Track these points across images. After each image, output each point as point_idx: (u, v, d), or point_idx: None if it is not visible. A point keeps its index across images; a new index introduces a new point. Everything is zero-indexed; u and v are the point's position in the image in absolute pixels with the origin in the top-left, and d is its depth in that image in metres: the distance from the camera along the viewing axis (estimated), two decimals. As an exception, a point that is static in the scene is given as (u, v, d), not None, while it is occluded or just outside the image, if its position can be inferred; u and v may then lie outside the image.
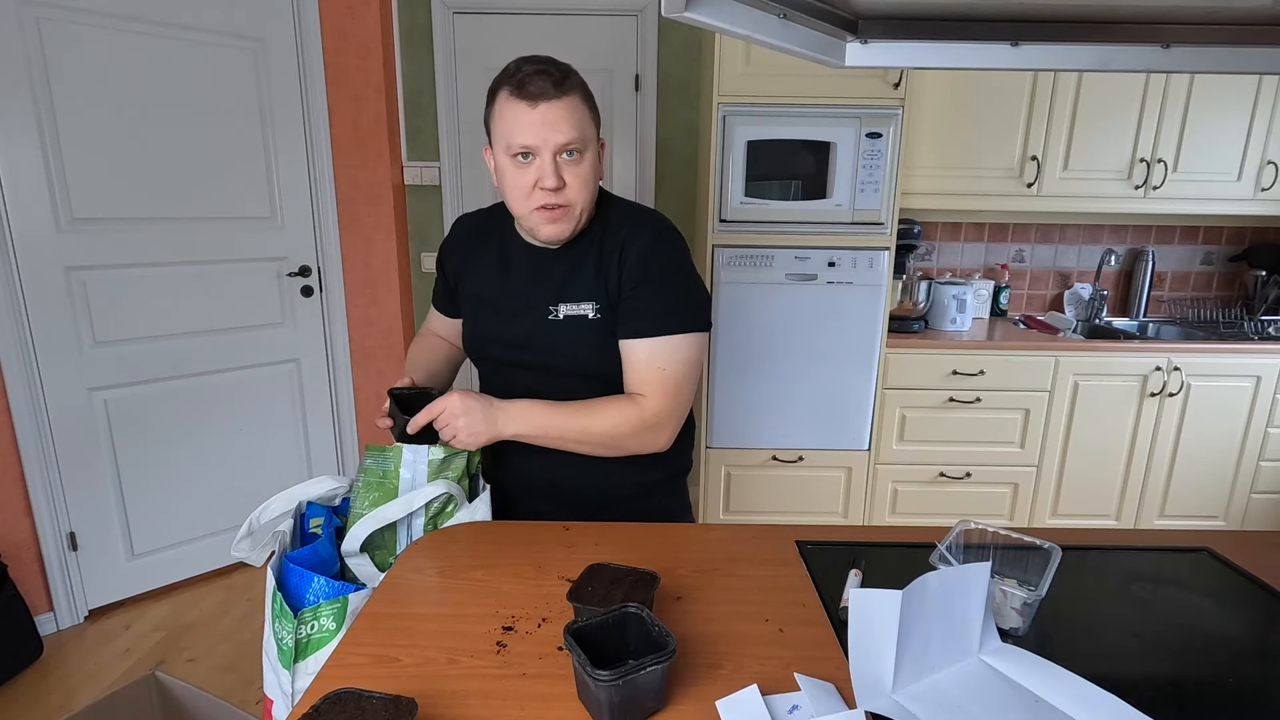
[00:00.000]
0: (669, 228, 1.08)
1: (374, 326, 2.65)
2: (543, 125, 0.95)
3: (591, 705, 0.64)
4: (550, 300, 1.07)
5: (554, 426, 1.02)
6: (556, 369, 1.08)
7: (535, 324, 1.08)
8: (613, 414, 1.02)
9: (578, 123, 0.97)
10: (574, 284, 1.06)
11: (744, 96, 2.20)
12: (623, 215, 1.08)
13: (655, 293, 1.03)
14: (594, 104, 1.02)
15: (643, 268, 1.03)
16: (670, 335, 1.02)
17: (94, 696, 1.80)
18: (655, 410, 1.02)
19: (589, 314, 1.05)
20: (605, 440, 1.02)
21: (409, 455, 1.02)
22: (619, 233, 1.05)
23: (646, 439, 1.03)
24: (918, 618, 0.68)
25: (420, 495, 1.00)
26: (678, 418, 1.05)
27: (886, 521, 2.55)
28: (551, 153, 0.97)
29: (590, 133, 1.00)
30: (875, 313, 2.33)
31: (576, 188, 0.99)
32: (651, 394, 1.02)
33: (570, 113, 0.96)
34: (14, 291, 1.93)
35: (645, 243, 1.04)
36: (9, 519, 2.02)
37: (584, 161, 0.99)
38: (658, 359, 1.02)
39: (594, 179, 1.02)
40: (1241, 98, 2.39)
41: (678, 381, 1.03)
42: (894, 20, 0.84)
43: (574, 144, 0.97)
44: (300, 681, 0.87)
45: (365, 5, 2.41)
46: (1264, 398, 2.41)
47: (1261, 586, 0.89)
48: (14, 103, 1.88)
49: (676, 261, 1.06)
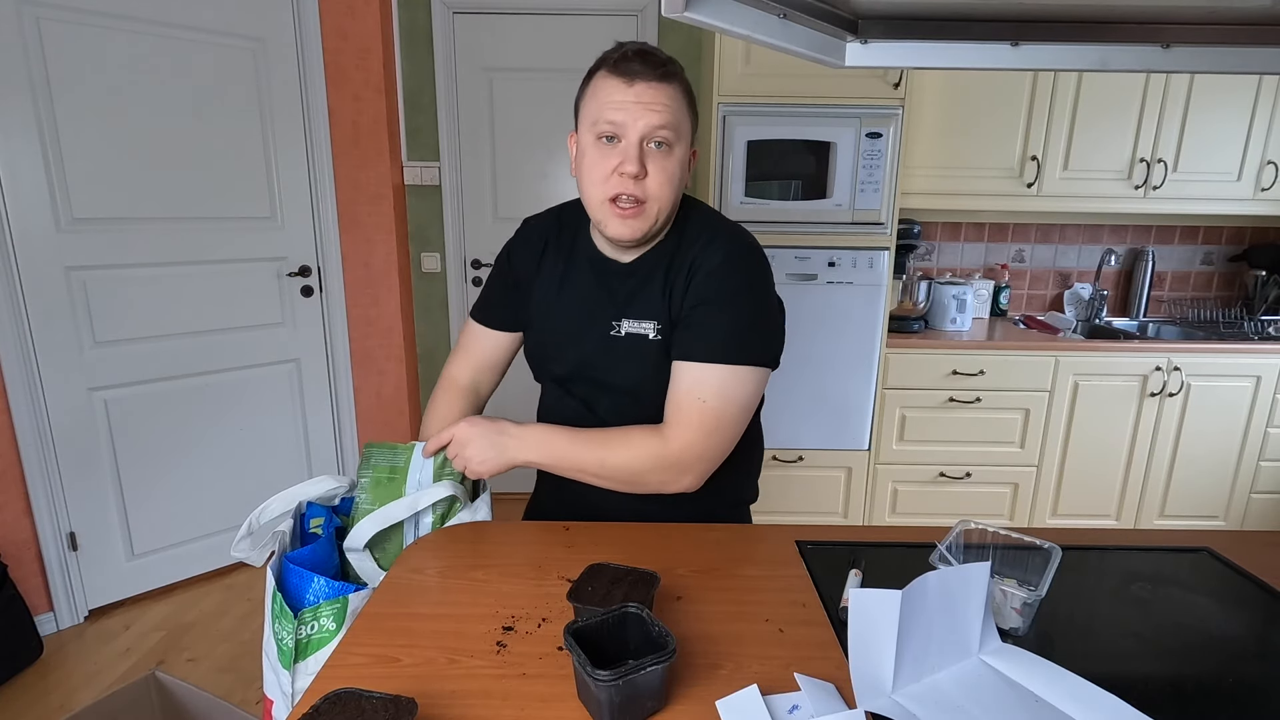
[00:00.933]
0: (747, 247, 0.98)
1: (374, 326, 2.65)
2: (636, 104, 0.88)
3: (591, 705, 0.64)
4: (614, 315, 1.00)
5: (568, 457, 0.96)
6: (610, 387, 1.02)
7: (597, 339, 1.01)
8: (634, 447, 0.94)
9: (674, 109, 0.90)
10: (639, 300, 0.99)
11: (744, 96, 2.20)
12: (699, 229, 0.99)
13: (714, 315, 0.93)
14: (694, 104, 0.95)
15: (707, 287, 0.94)
16: (720, 364, 0.92)
17: (94, 696, 1.81)
18: (682, 447, 0.93)
19: (650, 334, 0.98)
20: (622, 475, 0.95)
21: (417, 456, 1.02)
22: (691, 249, 0.97)
23: (668, 478, 0.95)
24: (918, 618, 0.68)
25: (426, 496, 1.00)
26: (709, 460, 0.95)
27: (886, 521, 2.55)
28: (639, 136, 0.89)
29: (685, 128, 0.93)
30: (875, 313, 2.33)
31: (659, 182, 0.91)
32: (683, 428, 0.93)
33: (668, 98, 0.89)
34: (14, 291, 1.93)
35: (716, 262, 0.95)
36: (9, 519, 2.02)
37: (672, 156, 0.91)
38: (700, 389, 0.93)
39: (679, 179, 0.94)
40: (1241, 98, 2.39)
41: (718, 419, 0.93)
42: (894, 20, 0.84)
43: (665, 130, 0.89)
44: (300, 682, 0.87)
45: (365, 5, 2.41)
46: (1264, 398, 2.41)
47: (1261, 586, 0.89)
48: (14, 103, 1.88)
49: (747, 285, 0.95)
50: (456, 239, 2.87)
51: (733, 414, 0.94)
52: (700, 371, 0.93)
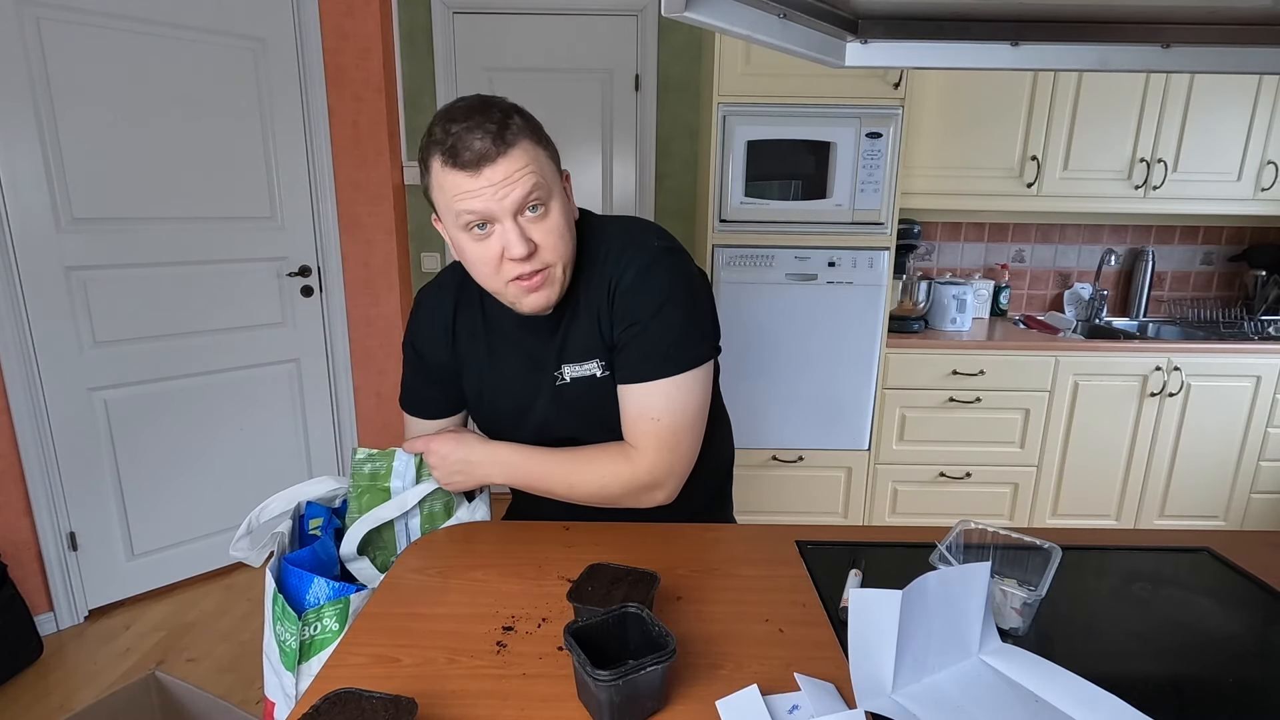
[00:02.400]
0: (658, 252, 0.93)
1: (374, 326, 2.65)
2: (492, 189, 0.80)
3: (591, 705, 0.64)
4: (554, 366, 0.97)
5: (538, 477, 0.96)
6: (579, 437, 0.99)
7: (548, 395, 0.98)
8: (602, 469, 0.93)
9: (534, 172, 0.82)
10: (572, 342, 0.95)
11: (744, 96, 2.20)
12: (608, 248, 0.93)
13: (642, 333, 0.90)
14: (546, 139, 0.86)
15: (629, 308, 0.91)
16: (661, 380, 0.91)
17: (94, 696, 1.81)
18: (648, 468, 0.93)
19: (595, 373, 0.95)
20: (593, 498, 0.95)
21: (399, 463, 1.01)
22: (604, 269, 0.92)
23: (642, 496, 0.95)
24: (918, 618, 0.68)
25: (413, 494, 1.00)
26: (678, 473, 0.95)
27: (886, 521, 2.55)
28: (511, 216, 0.82)
29: (551, 175, 0.85)
30: (875, 313, 2.33)
31: (551, 245, 0.85)
32: (644, 449, 0.92)
33: (521, 163, 0.81)
34: (14, 291, 1.93)
35: (629, 280, 0.90)
36: (9, 519, 2.02)
37: (551, 212, 0.85)
38: (650, 408, 0.91)
39: (568, 227, 0.88)
40: (1241, 98, 2.39)
41: (674, 432, 0.92)
42: (894, 20, 0.84)
43: (535, 198, 0.83)
44: (305, 683, 0.87)
45: (365, 5, 2.41)
46: (1264, 398, 2.41)
47: (1261, 586, 0.89)
48: (14, 103, 1.88)
49: (667, 292, 0.91)
50: (456, 239, 2.86)
51: (687, 423, 0.94)
52: (645, 392, 0.92)
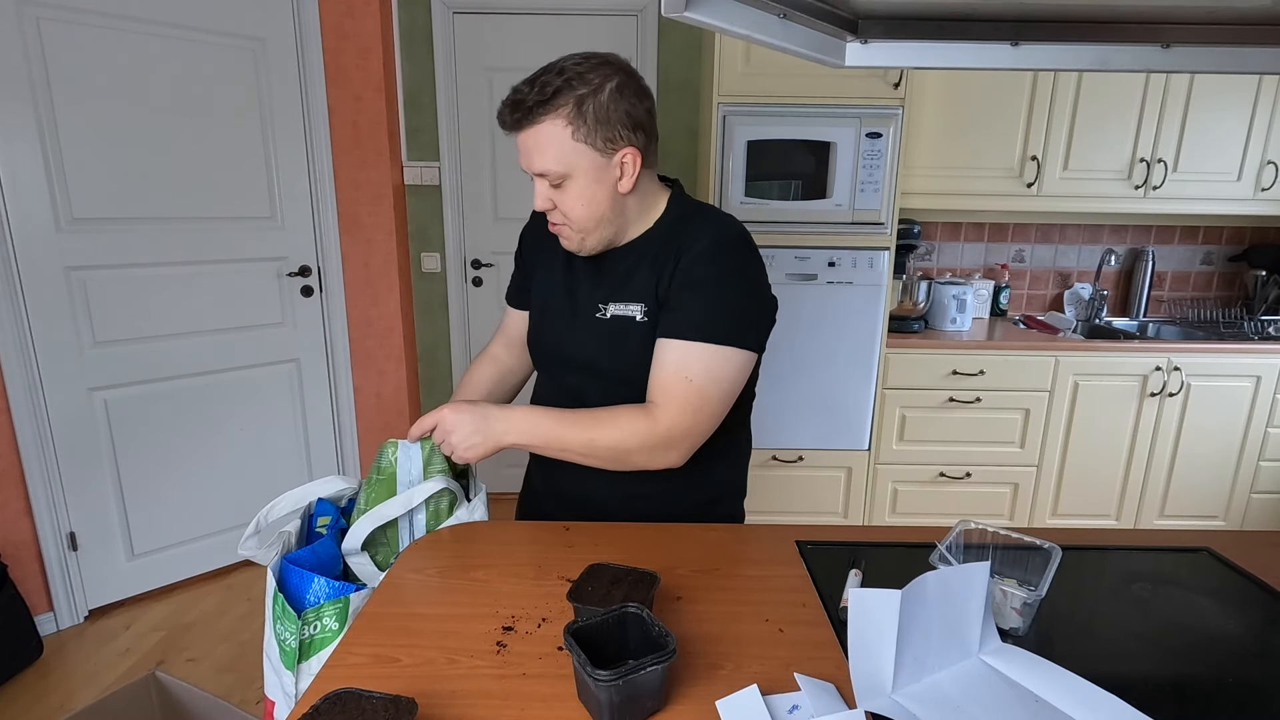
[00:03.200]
0: (738, 235, 0.98)
1: (374, 326, 2.65)
2: (522, 153, 0.94)
3: (591, 705, 0.64)
4: (600, 299, 1.02)
5: (556, 437, 0.97)
6: (600, 371, 1.02)
7: (585, 323, 1.03)
8: (622, 425, 0.95)
9: (552, 153, 0.90)
10: (628, 285, 1.00)
11: (744, 96, 2.20)
12: (688, 217, 1.01)
13: (699, 295, 0.94)
14: (593, 121, 0.90)
15: (694, 268, 0.94)
16: (705, 343, 0.93)
17: (94, 696, 1.81)
18: (669, 425, 0.93)
19: (636, 315, 0.99)
20: (610, 454, 0.96)
21: (405, 451, 1.01)
22: (680, 234, 0.98)
23: (656, 455, 0.95)
24: (918, 618, 0.68)
25: (419, 492, 1.00)
26: (695, 437, 0.96)
27: (886, 521, 2.55)
28: (534, 175, 0.94)
29: (575, 160, 0.91)
30: (875, 313, 2.33)
31: (566, 209, 0.95)
32: (669, 405, 0.93)
33: (541, 142, 0.90)
34: (14, 291, 1.93)
35: (704, 246, 0.95)
36: (9, 519, 2.02)
37: (571, 187, 0.93)
38: (687, 367, 0.93)
39: (592, 200, 0.94)
40: (1241, 98, 2.39)
41: (703, 397, 0.93)
42: (894, 20, 0.84)
43: (548, 175, 0.92)
44: (305, 682, 0.87)
45: (365, 5, 2.41)
46: (1264, 398, 2.41)
47: (1261, 586, 0.89)
48: (14, 103, 1.88)
49: (737, 268, 0.96)
50: (456, 239, 2.87)
51: (717, 393, 0.95)
52: (685, 349, 0.93)
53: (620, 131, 0.91)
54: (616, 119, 0.91)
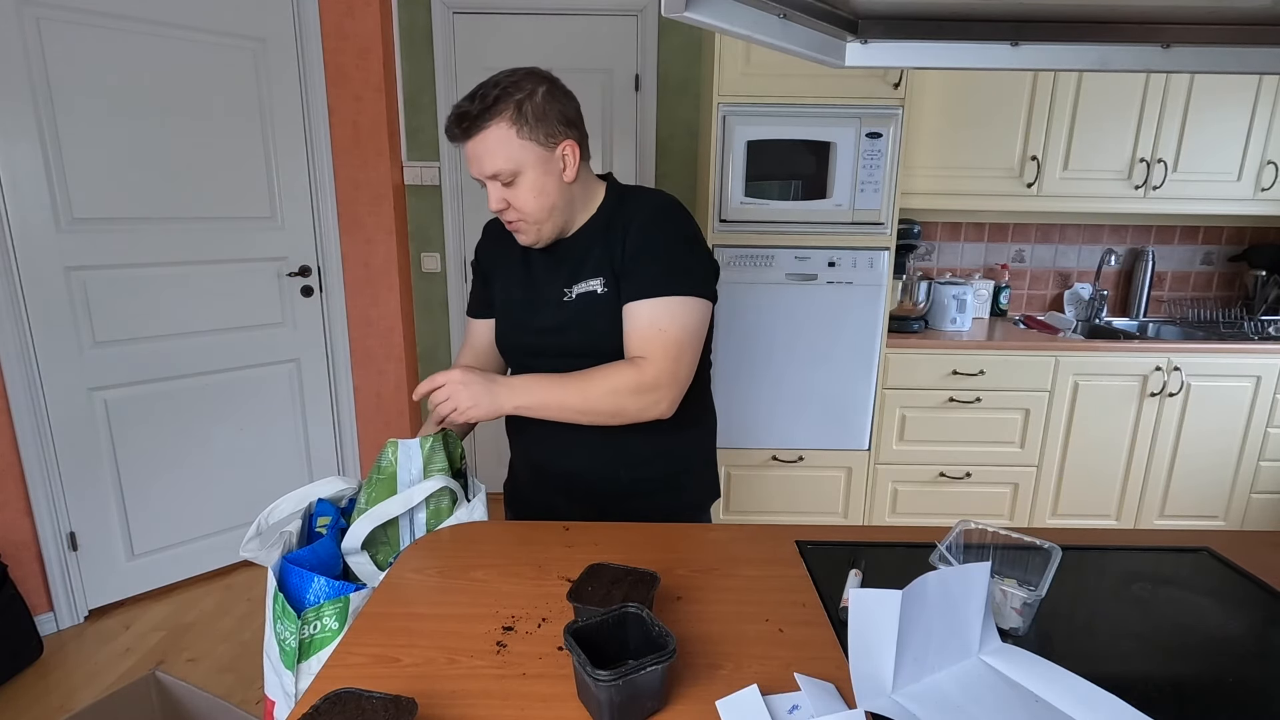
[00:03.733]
0: (673, 203, 1.10)
1: (374, 326, 2.65)
2: (470, 161, 1.03)
3: (591, 705, 0.64)
4: (564, 283, 1.10)
5: (553, 396, 1.03)
6: (573, 350, 1.09)
7: (553, 309, 1.11)
8: (611, 378, 1.02)
9: (501, 154, 1.00)
10: (585, 264, 1.09)
11: (744, 96, 2.20)
12: (626, 197, 1.12)
13: (656, 258, 1.04)
14: (532, 119, 1.01)
15: (644, 236, 1.05)
16: (671, 297, 1.03)
17: (94, 696, 1.81)
18: (655, 373, 1.02)
19: (597, 289, 1.07)
20: (605, 406, 1.03)
21: (405, 450, 1.02)
22: (623, 212, 1.09)
23: (646, 401, 1.03)
24: (918, 618, 0.68)
25: (418, 491, 1.00)
26: (679, 382, 1.05)
27: (886, 521, 2.55)
28: (486, 180, 1.03)
29: (522, 156, 1.01)
30: (875, 313, 2.33)
31: (520, 204, 1.04)
32: (651, 355, 1.02)
33: (490, 146, 1.00)
34: (14, 291, 1.93)
35: (647, 216, 1.07)
36: (9, 519, 2.02)
37: (521, 185, 1.03)
38: (658, 320, 1.03)
39: (543, 191, 1.04)
40: (1241, 98, 2.39)
41: (679, 343, 1.03)
42: (894, 20, 0.84)
43: (499, 175, 1.02)
44: (304, 682, 0.87)
45: (365, 5, 2.41)
46: (1264, 398, 2.41)
47: (1261, 586, 0.89)
48: (14, 103, 1.88)
49: (680, 231, 1.07)
50: (456, 239, 2.87)
51: (689, 340, 1.05)
52: (654, 305, 1.03)
53: (558, 127, 1.03)
54: (553, 116, 1.02)
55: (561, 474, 1.15)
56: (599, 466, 1.13)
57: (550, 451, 1.15)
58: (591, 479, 1.14)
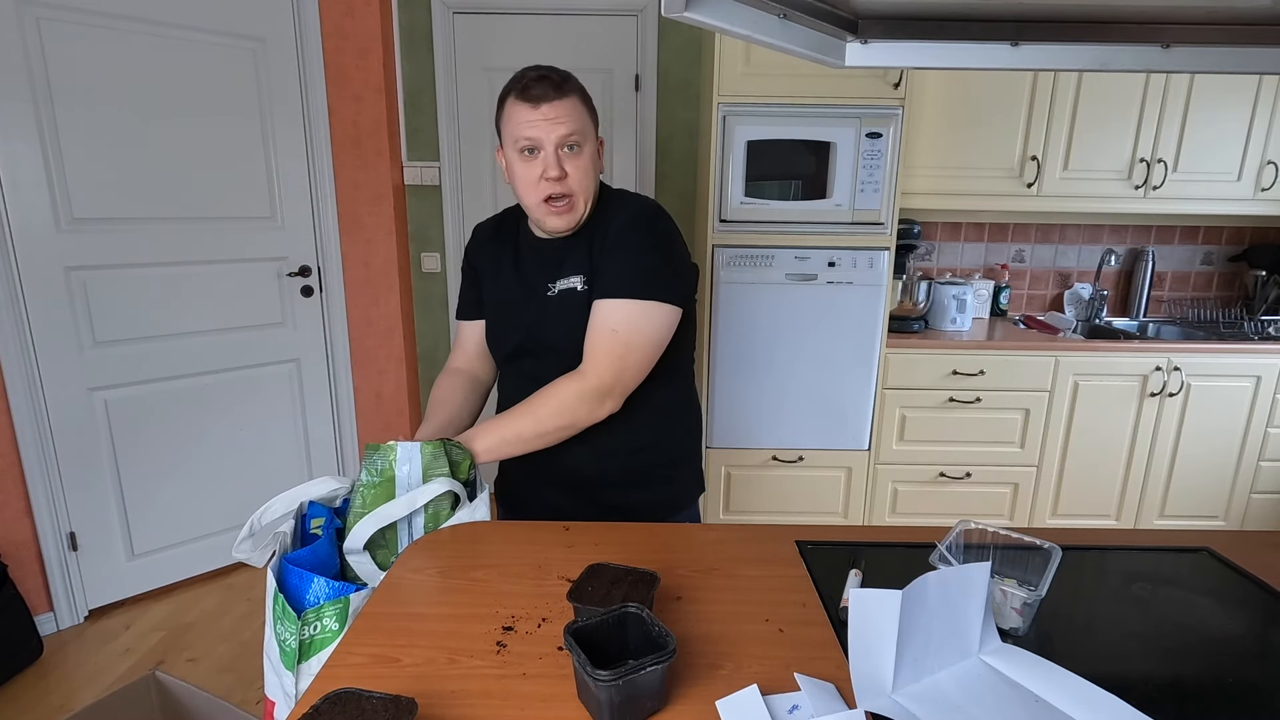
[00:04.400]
0: (654, 207, 1.13)
1: (374, 326, 2.65)
2: (545, 121, 1.04)
3: (591, 705, 0.64)
4: (549, 279, 1.14)
5: (509, 431, 1.06)
6: (555, 348, 1.12)
7: (538, 304, 1.14)
8: (558, 394, 1.05)
9: (577, 118, 1.06)
10: (569, 261, 1.13)
11: (744, 96, 2.20)
12: (611, 199, 1.16)
13: (620, 258, 1.07)
14: (592, 106, 1.11)
15: (619, 236, 1.08)
16: (631, 300, 1.05)
17: (94, 696, 1.81)
18: (598, 377, 1.05)
19: (577, 285, 1.11)
20: (557, 423, 1.05)
21: (404, 452, 1.01)
22: (605, 212, 1.13)
23: (592, 406, 1.06)
24: (918, 618, 0.68)
25: (422, 494, 1.00)
26: (624, 384, 1.07)
27: (886, 521, 2.55)
28: (554, 145, 1.05)
29: (589, 129, 1.08)
30: (875, 313, 2.33)
31: (578, 177, 1.07)
32: (595, 358, 1.05)
33: (569, 110, 1.05)
34: (14, 291, 1.93)
35: (627, 218, 1.10)
36: (9, 519, 2.02)
37: (584, 154, 1.07)
38: (612, 320, 1.05)
39: (594, 170, 1.10)
40: (1241, 98, 2.39)
41: (627, 346, 1.05)
42: (894, 20, 0.84)
43: (574, 136, 1.05)
44: (304, 682, 0.87)
45: (365, 5, 2.41)
46: (1264, 398, 2.41)
47: (1261, 586, 0.89)
48: (14, 103, 1.88)
49: (654, 233, 1.09)
50: (456, 239, 2.87)
51: (640, 344, 1.06)
52: (611, 306, 1.06)
53: (598, 121, 1.12)
54: (596, 112, 1.11)
55: (554, 468, 1.17)
56: (590, 460, 1.15)
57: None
58: (583, 472, 1.16)
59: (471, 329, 1.31)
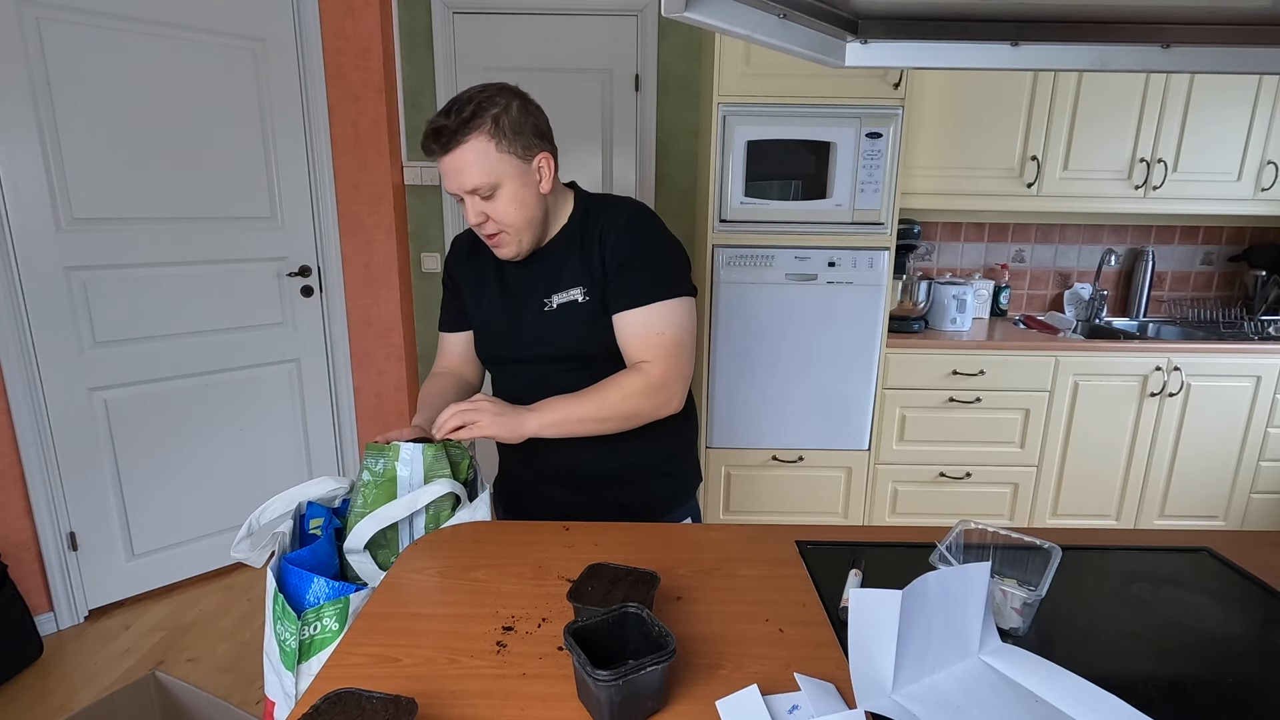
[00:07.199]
0: (644, 209, 1.15)
1: (374, 326, 2.65)
2: (448, 176, 1.04)
3: (591, 705, 0.64)
4: (543, 294, 1.13)
5: (572, 412, 1.06)
6: (558, 357, 1.13)
7: (533, 319, 1.14)
8: (622, 385, 1.07)
9: (479, 165, 1.02)
10: (563, 274, 1.12)
11: (744, 96, 2.20)
12: (599, 206, 1.15)
13: (640, 265, 1.09)
14: (510, 133, 1.03)
15: (624, 246, 1.09)
16: (660, 302, 1.08)
17: (94, 696, 1.81)
18: (660, 373, 1.07)
19: (579, 298, 1.11)
20: (621, 410, 1.06)
21: (406, 454, 1.02)
22: (597, 221, 1.12)
23: (659, 400, 1.08)
24: (918, 618, 0.68)
25: (424, 495, 1.00)
26: (683, 378, 1.10)
27: (886, 521, 2.55)
28: (464, 195, 1.05)
29: (502, 168, 1.03)
30: (875, 313, 2.33)
31: (500, 216, 1.06)
32: (654, 359, 1.07)
33: (469, 159, 1.01)
34: (14, 291, 1.93)
35: (622, 224, 1.11)
36: (9, 519, 2.02)
37: (500, 196, 1.04)
38: (655, 325, 1.08)
39: (523, 203, 1.06)
40: (1241, 98, 2.39)
41: (677, 343, 1.08)
42: (894, 20, 0.84)
43: (479, 188, 1.03)
44: (305, 682, 0.87)
45: (365, 5, 2.41)
46: (1264, 398, 2.41)
47: (1261, 586, 0.89)
48: (14, 103, 1.87)
49: (655, 236, 1.12)
50: (456, 239, 2.86)
51: (685, 339, 1.10)
52: (648, 312, 1.08)
53: (533, 140, 1.06)
54: (528, 129, 1.05)
55: (555, 466, 1.17)
56: (590, 457, 1.15)
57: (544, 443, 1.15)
58: (584, 469, 1.17)
59: (455, 341, 1.30)
